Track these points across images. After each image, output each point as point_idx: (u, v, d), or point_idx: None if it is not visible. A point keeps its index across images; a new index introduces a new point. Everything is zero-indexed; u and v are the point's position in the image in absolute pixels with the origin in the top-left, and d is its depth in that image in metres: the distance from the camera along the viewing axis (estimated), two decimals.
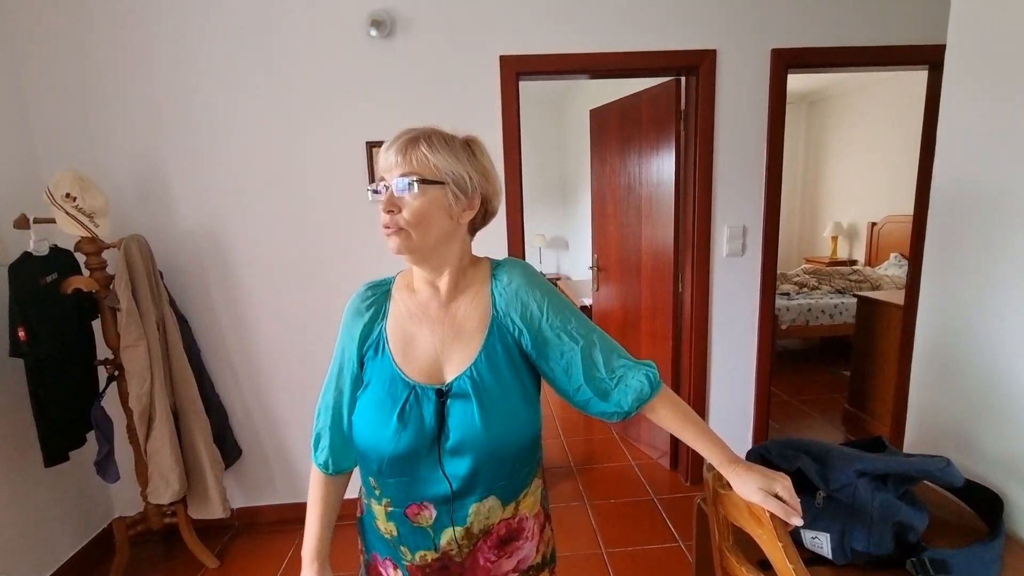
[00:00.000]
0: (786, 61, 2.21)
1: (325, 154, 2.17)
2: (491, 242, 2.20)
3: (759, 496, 0.78)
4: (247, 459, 2.37)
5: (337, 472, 0.90)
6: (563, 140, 6.43)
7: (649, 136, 2.59)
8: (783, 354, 4.62)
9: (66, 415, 1.89)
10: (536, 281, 0.86)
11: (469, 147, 0.81)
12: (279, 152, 2.16)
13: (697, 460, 2.55)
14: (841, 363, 4.17)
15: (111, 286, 1.90)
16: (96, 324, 2.00)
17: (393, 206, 0.76)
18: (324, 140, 2.16)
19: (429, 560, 0.82)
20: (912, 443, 1.34)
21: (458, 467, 0.77)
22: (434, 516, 0.80)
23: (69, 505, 2.11)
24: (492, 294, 0.84)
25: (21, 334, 1.70)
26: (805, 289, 4.45)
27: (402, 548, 0.83)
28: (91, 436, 1.98)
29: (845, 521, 0.95)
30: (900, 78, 4.72)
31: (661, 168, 2.52)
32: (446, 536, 0.80)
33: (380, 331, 0.84)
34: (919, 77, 2.43)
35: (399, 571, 0.85)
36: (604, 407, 0.84)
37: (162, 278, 2.06)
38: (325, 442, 0.88)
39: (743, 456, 1.00)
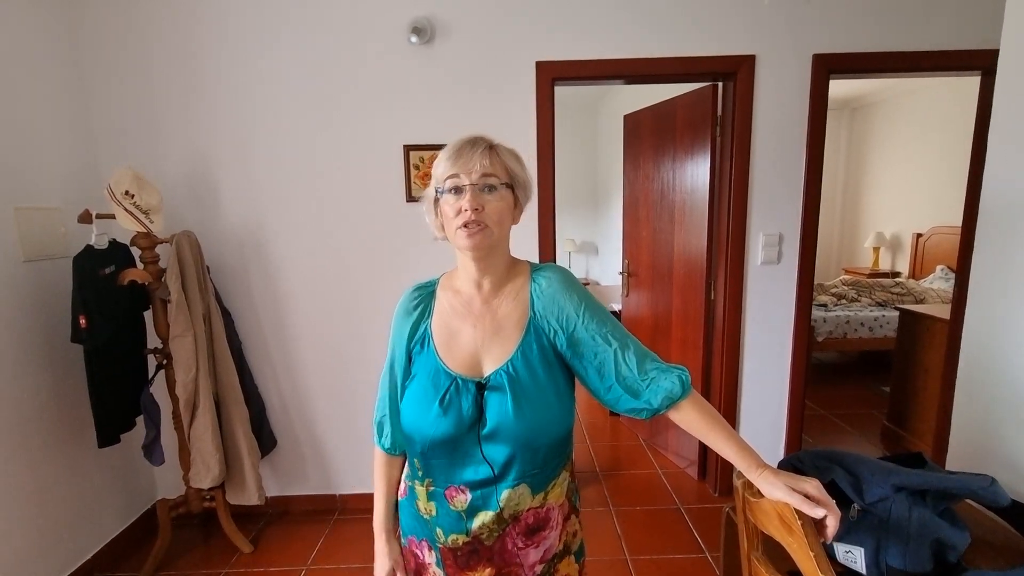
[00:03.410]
0: (828, 67, 2.16)
1: (364, 156, 2.24)
2: (522, 246, 2.23)
3: (784, 491, 0.77)
4: (282, 450, 2.45)
5: (400, 453, 0.98)
6: (596, 145, 6.41)
7: (684, 142, 2.57)
8: (819, 367, 4.48)
9: (119, 400, 2.00)
10: (573, 286, 0.89)
11: (516, 155, 0.89)
12: (320, 154, 2.24)
13: (726, 470, 2.51)
14: (880, 378, 4.02)
15: (163, 279, 2.01)
16: (147, 315, 2.12)
17: (479, 204, 0.81)
18: (363, 143, 2.23)
19: (460, 543, 0.87)
20: (954, 461, 1.29)
21: (496, 454, 0.83)
22: (468, 500, 0.85)
23: (117, 485, 2.23)
24: (531, 296, 0.89)
25: (82, 321, 1.82)
26: (844, 301, 4.31)
27: (437, 529, 0.89)
28: (139, 421, 2.10)
29: (880, 536, 0.93)
30: (949, 84, 4.54)
31: (695, 174, 2.49)
32: (478, 520, 0.85)
33: (426, 328, 0.91)
34: (969, 83, 2.34)
35: (433, 552, 0.91)
36: (634, 404, 0.86)
37: (209, 272, 2.17)
38: (388, 428, 0.96)
39: (777, 463, 1.00)
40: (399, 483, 0.99)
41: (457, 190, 0.81)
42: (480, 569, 0.88)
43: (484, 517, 0.85)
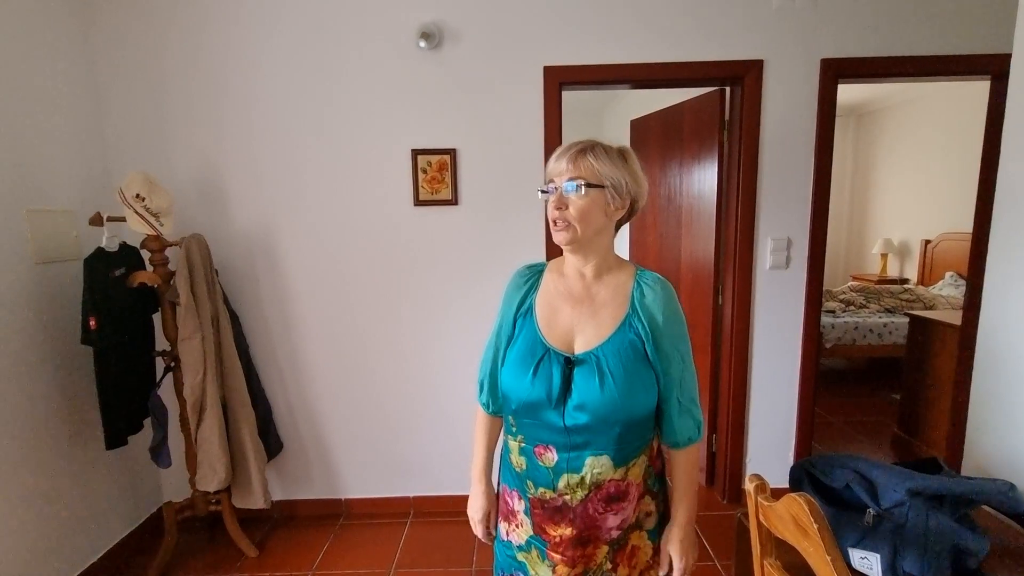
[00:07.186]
0: (836, 71, 2.16)
1: (372, 160, 2.25)
2: (529, 251, 2.23)
3: (674, 549, 0.99)
4: (288, 453, 2.45)
5: (495, 412, 1.11)
6: None
7: (691, 147, 2.57)
8: (827, 374, 4.44)
9: (127, 402, 2.01)
10: (671, 303, 0.99)
11: (623, 156, 0.96)
12: (329, 158, 2.25)
13: (734, 477, 2.48)
14: (890, 385, 3.98)
15: (172, 281, 2.02)
16: (156, 317, 2.13)
17: (562, 204, 0.93)
18: (372, 147, 2.24)
19: (547, 497, 0.97)
20: (970, 467, 1.27)
21: (577, 421, 0.92)
22: (555, 460, 0.95)
23: (124, 488, 2.23)
24: (632, 296, 0.98)
25: (92, 323, 1.83)
26: (852, 307, 4.28)
27: (528, 482, 0.99)
28: (147, 423, 2.10)
29: (897, 542, 0.92)
30: (955, 89, 4.52)
31: (703, 179, 2.49)
32: (563, 480, 0.95)
33: (531, 301, 1.03)
34: (976, 88, 2.33)
35: (523, 502, 1.02)
36: (669, 433, 1.00)
37: (217, 276, 2.17)
38: (487, 387, 1.10)
39: (787, 470, 1.08)
40: (497, 438, 1.14)
41: (551, 191, 0.94)
42: (563, 527, 0.97)
43: (569, 479, 0.94)
